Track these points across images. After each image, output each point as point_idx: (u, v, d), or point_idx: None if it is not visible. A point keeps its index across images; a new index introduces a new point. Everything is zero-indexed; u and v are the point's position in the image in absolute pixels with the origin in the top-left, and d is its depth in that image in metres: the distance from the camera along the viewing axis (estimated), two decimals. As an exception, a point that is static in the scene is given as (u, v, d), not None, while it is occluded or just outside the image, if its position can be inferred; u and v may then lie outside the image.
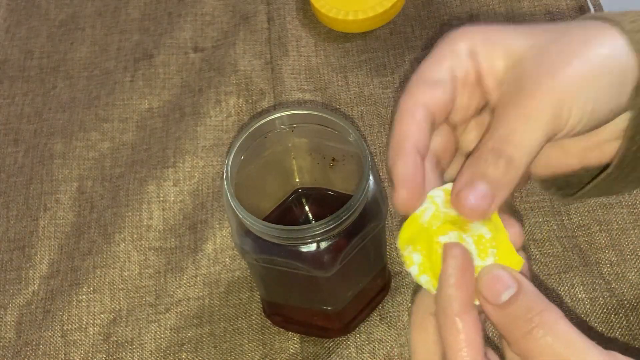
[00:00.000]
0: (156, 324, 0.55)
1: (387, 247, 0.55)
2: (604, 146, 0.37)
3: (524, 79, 0.32)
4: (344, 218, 0.42)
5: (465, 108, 0.35)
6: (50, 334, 0.55)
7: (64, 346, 0.54)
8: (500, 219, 0.33)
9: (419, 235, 0.33)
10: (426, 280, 0.33)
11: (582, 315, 0.53)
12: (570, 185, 0.40)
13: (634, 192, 0.57)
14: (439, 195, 0.34)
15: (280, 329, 0.54)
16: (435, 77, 0.33)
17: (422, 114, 0.33)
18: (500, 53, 0.33)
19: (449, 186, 0.34)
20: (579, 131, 0.33)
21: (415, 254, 0.33)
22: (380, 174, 0.61)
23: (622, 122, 0.35)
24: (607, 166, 0.37)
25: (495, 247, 0.32)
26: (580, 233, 0.56)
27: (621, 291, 0.53)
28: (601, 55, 0.32)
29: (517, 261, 0.33)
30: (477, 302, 0.32)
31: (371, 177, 0.44)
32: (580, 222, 0.57)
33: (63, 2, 0.75)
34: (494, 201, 0.31)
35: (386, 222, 0.51)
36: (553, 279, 0.54)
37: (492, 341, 0.45)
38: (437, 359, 0.32)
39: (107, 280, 0.57)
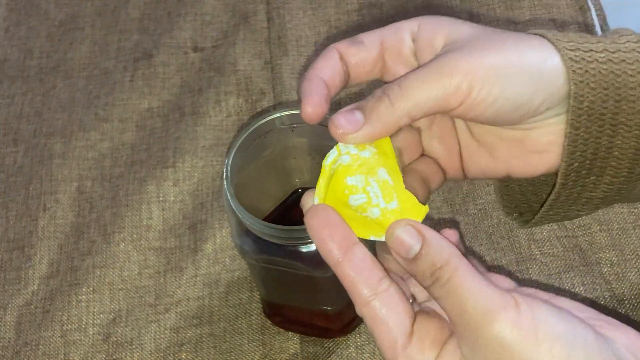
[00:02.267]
0: (156, 324, 0.55)
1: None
2: (530, 157, 0.38)
3: (444, 53, 0.35)
4: (344, 218, 0.42)
5: (393, 74, 0.38)
6: (49, 334, 0.55)
7: (64, 346, 0.54)
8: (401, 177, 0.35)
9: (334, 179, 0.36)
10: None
11: (582, 316, 0.53)
12: (528, 212, 0.42)
13: (634, 192, 0.57)
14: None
15: (280, 329, 0.54)
16: (363, 39, 0.37)
17: (335, 57, 0.36)
18: (442, 35, 0.36)
19: None
20: (487, 117, 0.35)
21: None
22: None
23: (547, 135, 0.36)
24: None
25: (397, 193, 0.34)
26: (580, 233, 0.56)
27: (621, 291, 0.53)
28: (522, 55, 0.34)
29: (420, 209, 0.34)
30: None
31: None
32: (580, 222, 0.57)
33: (63, 2, 0.75)
34: (361, 129, 0.34)
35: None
36: (553, 279, 0.54)
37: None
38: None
39: (106, 280, 0.57)
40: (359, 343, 0.53)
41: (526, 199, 0.42)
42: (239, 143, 0.45)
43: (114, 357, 0.54)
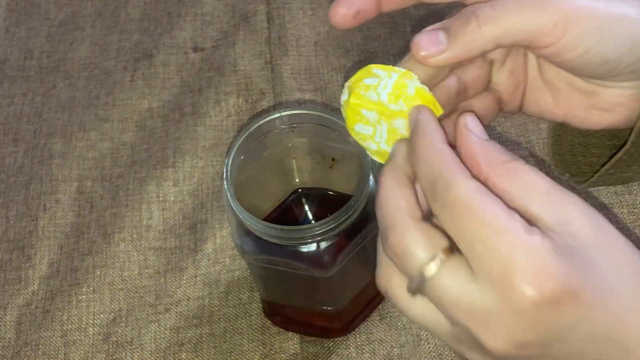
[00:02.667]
0: (156, 324, 0.55)
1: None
2: (592, 111, 0.37)
3: None
4: (344, 218, 0.42)
5: None
6: (50, 334, 0.55)
7: (64, 346, 0.54)
8: None
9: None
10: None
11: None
12: (583, 173, 0.41)
13: (634, 192, 0.57)
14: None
15: (280, 329, 0.54)
16: None
17: None
18: None
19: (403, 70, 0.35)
20: (571, 65, 0.33)
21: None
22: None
23: (617, 97, 0.35)
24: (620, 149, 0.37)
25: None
26: (580, 233, 0.56)
27: (621, 291, 0.53)
28: (629, 10, 0.32)
29: None
30: None
31: (371, 177, 0.44)
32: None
33: (63, 2, 0.75)
34: (444, 52, 0.33)
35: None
36: (553, 279, 0.54)
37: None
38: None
39: (106, 280, 0.57)
40: (359, 343, 0.53)
41: (576, 160, 0.41)
42: (239, 143, 0.45)
43: (114, 357, 0.54)
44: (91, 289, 0.56)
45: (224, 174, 0.44)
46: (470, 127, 0.32)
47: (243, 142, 0.46)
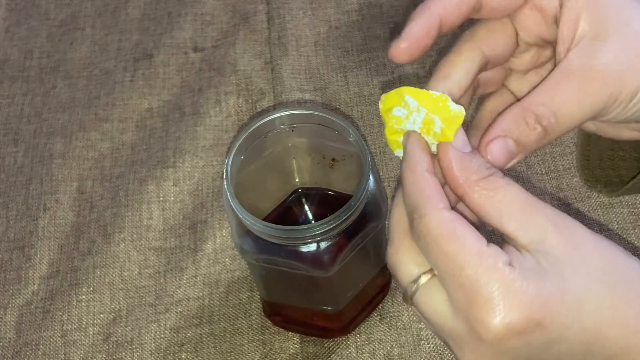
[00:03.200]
0: (156, 324, 0.55)
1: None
2: (621, 130, 0.37)
3: (597, 45, 0.31)
4: (344, 218, 0.42)
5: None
6: (50, 334, 0.55)
7: (64, 346, 0.54)
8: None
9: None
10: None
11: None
12: (613, 184, 0.41)
13: (634, 192, 0.58)
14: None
15: (280, 329, 0.54)
16: None
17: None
18: (591, 15, 0.32)
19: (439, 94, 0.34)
20: (621, 120, 0.33)
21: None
22: (380, 174, 0.61)
23: None
24: None
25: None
26: (580, 233, 0.56)
27: (621, 291, 0.53)
28: None
29: None
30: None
31: (371, 177, 0.44)
32: (581, 222, 0.57)
33: (63, 2, 0.75)
34: (514, 158, 0.33)
35: (386, 222, 0.51)
36: (553, 279, 0.54)
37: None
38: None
39: (106, 280, 0.57)
40: (359, 343, 0.53)
41: (605, 173, 0.41)
42: (239, 143, 0.45)
43: (114, 357, 0.54)
44: (91, 289, 0.56)
45: (224, 173, 0.44)
46: (452, 140, 0.32)
47: (243, 142, 0.46)
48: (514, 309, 0.28)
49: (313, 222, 0.44)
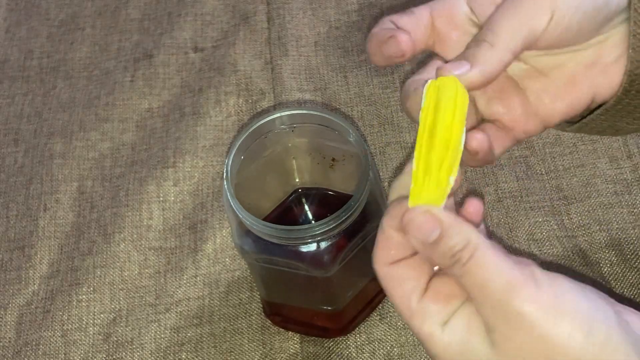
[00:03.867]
0: (156, 323, 0.55)
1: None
2: (609, 69, 0.38)
3: None
4: (344, 218, 0.42)
5: (446, 41, 0.40)
6: (50, 333, 0.55)
7: (64, 346, 0.54)
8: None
9: None
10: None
11: (582, 315, 0.53)
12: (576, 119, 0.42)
13: (634, 192, 0.58)
14: None
15: (280, 329, 0.54)
16: (413, 9, 0.38)
17: (391, 25, 0.38)
18: None
19: None
20: (572, 31, 0.36)
21: None
22: (380, 174, 0.61)
23: (620, 40, 0.37)
24: None
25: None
26: (580, 233, 0.56)
27: (621, 291, 0.53)
28: None
29: (442, 193, 0.34)
30: None
31: (371, 177, 0.44)
32: (580, 222, 0.57)
33: (63, 2, 0.75)
34: (471, 70, 0.35)
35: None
36: (553, 279, 0.54)
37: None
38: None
39: (107, 280, 0.57)
40: (359, 343, 0.53)
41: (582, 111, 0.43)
42: (239, 143, 0.45)
43: (115, 357, 0.54)
44: (91, 288, 0.56)
45: (224, 173, 0.44)
46: (417, 233, 0.33)
47: (243, 142, 0.46)
48: None
49: (313, 222, 0.45)
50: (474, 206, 0.35)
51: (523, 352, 0.30)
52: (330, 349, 0.53)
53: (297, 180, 0.52)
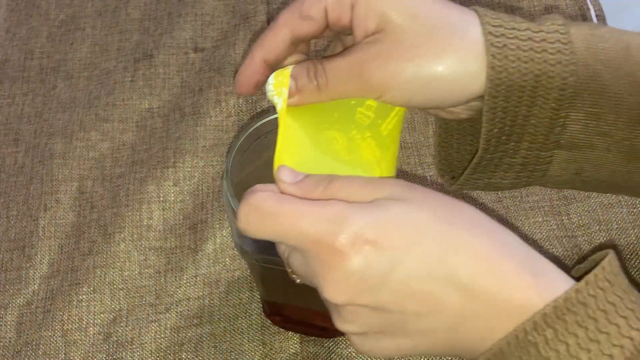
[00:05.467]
0: (156, 323, 0.55)
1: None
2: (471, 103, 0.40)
3: (368, 45, 0.38)
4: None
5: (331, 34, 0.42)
6: (50, 333, 0.55)
7: (64, 346, 0.54)
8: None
9: None
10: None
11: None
12: (459, 176, 0.44)
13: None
14: None
15: (280, 329, 0.54)
16: (310, 13, 0.39)
17: (284, 36, 0.40)
18: (375, 16, 0.38)
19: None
20: (399, 105, 0.39)
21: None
22: (380, 174, 0.61)
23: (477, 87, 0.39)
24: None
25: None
26: (580, 233, 0.56)
27: (621, 291, 0.53)
28: (439, 63, 0.37)
29: None
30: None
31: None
32: (580, 222, 0.57)
33: (63, 3, 0.75)
34: (293, 97, 0.39)
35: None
36: (553, 278, 0.54)
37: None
38: None
39: (107, 280, 0.57)
40: (359, 343, 0.53)
41: (462, 165, 0.45)
42: (239, 143, 0.45)
43: (115, 356, 0.54)
44: (92, 288, 0.56)
45: (224, 174, 0.44)
46: (283, 178, 0.37)
47: (243, 142, 0.46)
48: (350, 231, 0.32)
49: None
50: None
51: (432, 198, 0.34)
52: (330, 349, 0.53)
53: (297, 180, 0.52)
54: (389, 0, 0.38)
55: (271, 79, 0.40)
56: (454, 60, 0.37)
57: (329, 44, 0.45)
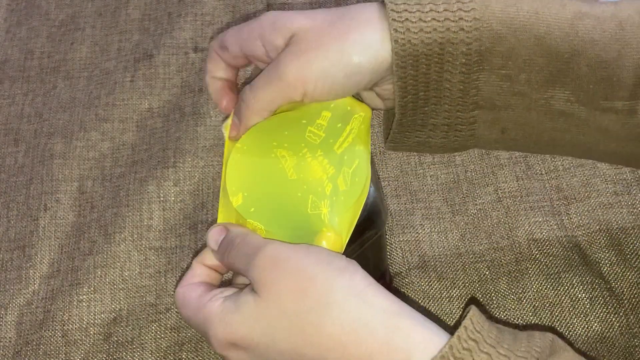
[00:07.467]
0: (156, 323, 0.55)
1: (388, 247, 0.55)
2: (375, 101, 0.44)
3: (282, 54, 0.41)
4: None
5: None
6: (50, 333, 0.55)
7: (65, 346, 0.54)
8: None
9: None
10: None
11: (582, 315, 0.53)
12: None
13: (634, 192, 0.58)
14: None
15: (281, 329, 0.54)
16: (226, 44, 0.44)
17: (216, 61, 0.45)
18: (281, 35, 0.42)
19: None
20: (330, 98, 0.42)
21: None
22: (380, 174, 0.61)
23: (387, 88, 0.42)
24: None
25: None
26: (580, 233, 0.56)
27: (621, 291, 0.53)
28: (345, 51, 0.40)
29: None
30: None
31: (371, 184, 0.43)
32: (580, 222, 0.57)
33: (63, 3, 0.75)
34: (240, 129, 0.44)
35: (387, 224, 0.51)
36: (553, 278, 0.54)
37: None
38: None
39: (107, 280, 0.57)
40: (359, 343, 0.53)
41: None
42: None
43: (115, 356, 0.54)
44: (92, 288, 0.56)
45: (225, 174, 0.44)
46: (210, 244, 0.41)
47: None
48: (218, 332, 0.37)
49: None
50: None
51: (282, 287, 0.36)
52: (331, 348, 0.53)
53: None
54: (288, 17, 0.42)
55: (229, 120, 0.44)
56: (358, 40, 0.39)
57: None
